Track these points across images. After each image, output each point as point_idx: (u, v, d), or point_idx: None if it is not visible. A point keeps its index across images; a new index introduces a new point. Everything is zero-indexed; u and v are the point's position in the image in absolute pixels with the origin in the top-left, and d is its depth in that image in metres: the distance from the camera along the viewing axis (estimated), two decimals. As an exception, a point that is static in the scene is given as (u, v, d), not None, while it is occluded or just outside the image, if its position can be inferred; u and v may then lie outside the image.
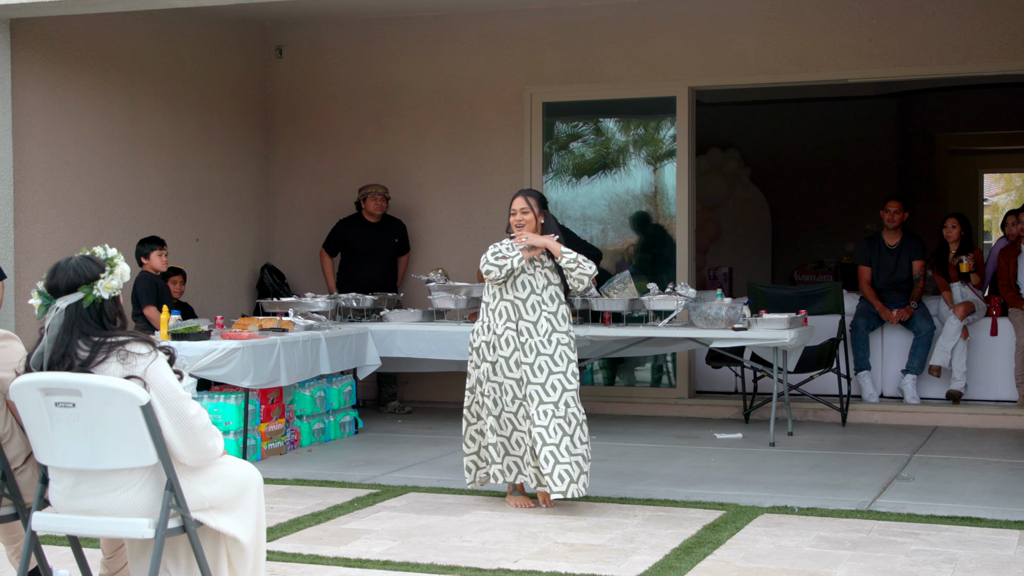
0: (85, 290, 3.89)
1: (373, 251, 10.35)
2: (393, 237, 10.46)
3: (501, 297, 6.44)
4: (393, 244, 10.45)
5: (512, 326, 6.39)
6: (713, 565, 5.26)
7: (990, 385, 9.83)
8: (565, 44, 10.50)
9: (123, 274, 3.96)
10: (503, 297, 6.43)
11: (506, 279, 6.39)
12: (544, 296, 6.44)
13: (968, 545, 5.56)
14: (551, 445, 6.27)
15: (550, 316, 6.42)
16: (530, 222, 6.49)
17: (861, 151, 15.22)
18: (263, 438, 8.04)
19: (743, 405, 9.69)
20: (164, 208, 9.97)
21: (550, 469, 6.25)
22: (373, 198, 10.32)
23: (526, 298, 6.41)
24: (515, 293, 6.41)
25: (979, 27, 9.55)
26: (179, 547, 4.07)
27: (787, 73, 10.09)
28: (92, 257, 3.98)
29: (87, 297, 3.89)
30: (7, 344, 4.31)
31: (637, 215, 10.86)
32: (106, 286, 3.90)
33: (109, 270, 3.94)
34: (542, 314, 6.41)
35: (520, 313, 6.39)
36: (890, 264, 9.93)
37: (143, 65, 9.80)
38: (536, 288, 6.44)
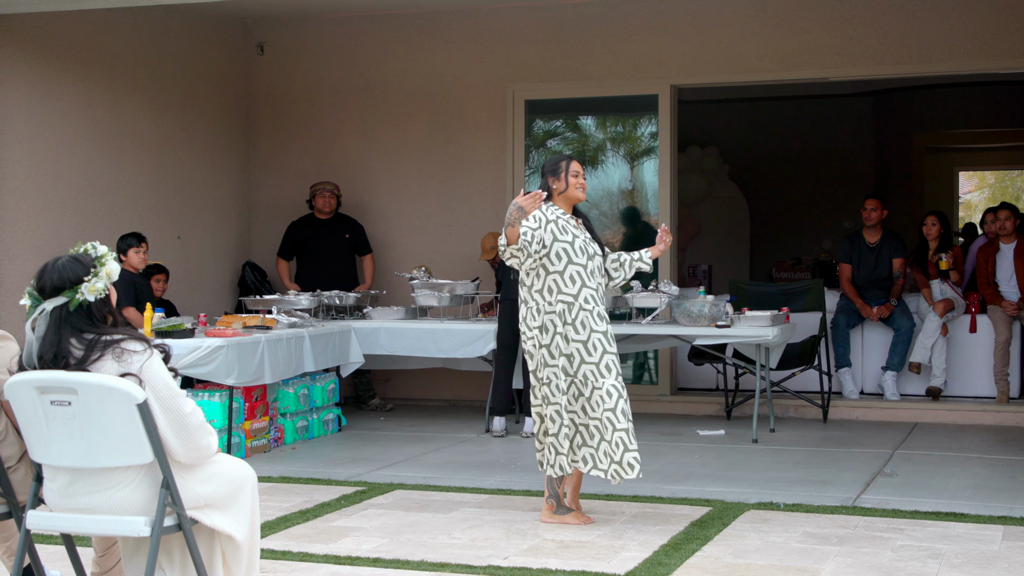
0: (69, 294, 3.88)
1: (326, 250, 10.30)
2: (344, 234, 10.42)
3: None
4: (345, 240, 10.41)
5: None
6: (702, 561, 5.29)
7: (969, 382, 9.90)
8: (548, 42, 10.52)
9: (110, 275, 3.94)
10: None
11: None
12: None
13: (953, 540, 5.61)
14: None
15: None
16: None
17: (839, 149, 15.30)
18: (247, 436, 8.04)
19: (725, 402, 9.74)
20: (146, 205, 9.94)
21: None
22: (322, 195, 10.32)
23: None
24: None
25: (959, 26, 9.61)
26: (173, 545, 4.06)
27: (769, 71, 10.14)
28: (79, 257, 3.95)
29: (72, 300, 3.87)
30: (3, 344, 4.30)
31: (627, 210, 10.87)
32: (90, 289, 3.89)
33: (94, 272, 3.92)
34: None
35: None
36: (870, 262, 9.99)
37: (125, 62, 9.77)
38: None
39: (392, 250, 10.84)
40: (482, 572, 5.15)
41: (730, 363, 9.37)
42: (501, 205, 10.50)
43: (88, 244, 4.03)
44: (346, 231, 10.43)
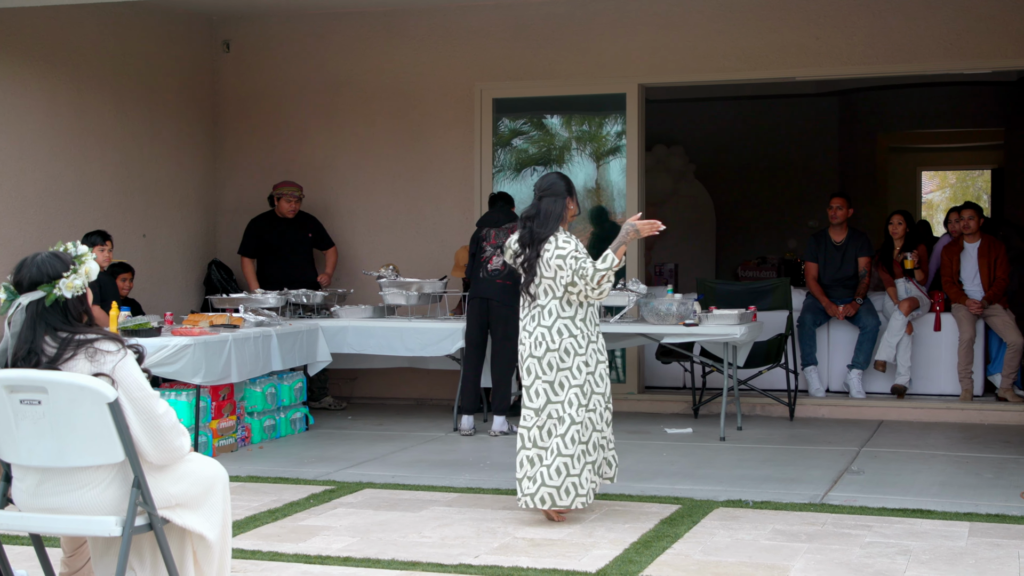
0: (47, 288, 3.85)
1: (290, 248, 10.26)
2: (307, 232, 10.40)
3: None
4: (308, 239, 10.39)
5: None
6: (673, 559, 5.30)
7: (934, 380, 9.98)
8: (515, 40, 10.52)
9: (89, 273, 3.91)
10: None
11: None
12: None
13: (920, 537, 5.65)
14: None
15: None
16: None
17: (804, 148, 15.39)
18: (214, 435, 7.99)
19: (692, 400, 9.77)
20: (111, 203, 9.86)
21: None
22: (288, 200, 10.26)
23: None
24: None
25: (924, 27, 9.68)
26: (144, 545, 4.03)
27: (735, 71, 10.18)
28: (59, 254, 3.93)
29: (49, 296, 3.84)
30: None
31: (595, 209, 10.89)
32: (68, 285, 3.86)
33: (74, 268, 3.89)
34: None
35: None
36: (836, 260, 10.05)
37: (89, 59, 9.69)
38: None
39: (359, 249, 10.81)
40: (453, 571, 5.14)
41: (697, 361, 9.40)
42: (469, 204, 10.51)
43: (68, 243, 4.00)
44: (308, 230, 10.40)
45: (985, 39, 9.58)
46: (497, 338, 8.80)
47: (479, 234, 8.95)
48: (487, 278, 8.75)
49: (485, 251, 8.80)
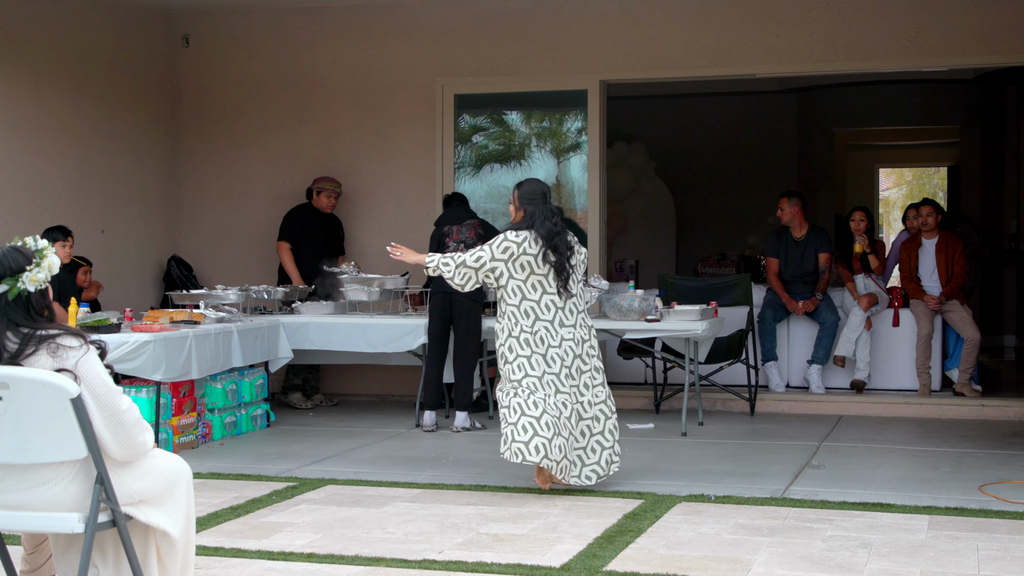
0: (10, 282, 3.81)
1: (325, 243, 10.18)
2: (339, 231, 10.39)
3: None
4: (339, 236, 10.36)
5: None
6: (636, 553, 5.31)
7: (892, 375, 10.07)
8: (477, 36, 10.51)
9: (51, 267, 3.88)
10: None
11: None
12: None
13: (881, 530, 5.69)
14: None
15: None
16: (512, 213, 6.82)
17: (763, 145, 15.45)
18: (175, 432, 7.94)
19: (654, 396, 9.80)
20: (69, 198, 9.78)
21: None
22: (328, 196, 10.16)
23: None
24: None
25: (883, 25, 9.76)
26: (107, 541, 4.00)
27: (697, 68, 10.22)
28: (20, 248, 3.89)
29: (12, 290, 3.80)
30: None
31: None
32: (32, 279, 3.82)
33: (36, 262, 3.86)
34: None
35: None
36: (797, 256, 10.11)
37: (47, 53, 9.60)
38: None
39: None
40: (417, 566, 5.13)
41: (659, 357, 9.44)
42: (430, 199, 10.50)
43: (28, 237, 3.95)
44: (340, 228, 10.36)
45: (942, 37, 9.66)
46: (459, 334, 8.80)
47: (440, 232, 8.94)
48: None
49: (448, 247, 8.79)
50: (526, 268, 6.55)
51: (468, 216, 8.97)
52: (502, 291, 6.63)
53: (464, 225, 8.86)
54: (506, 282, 6.59)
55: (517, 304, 6.58)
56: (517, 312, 6.58)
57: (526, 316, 6.57)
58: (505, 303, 6.61)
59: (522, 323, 6.57)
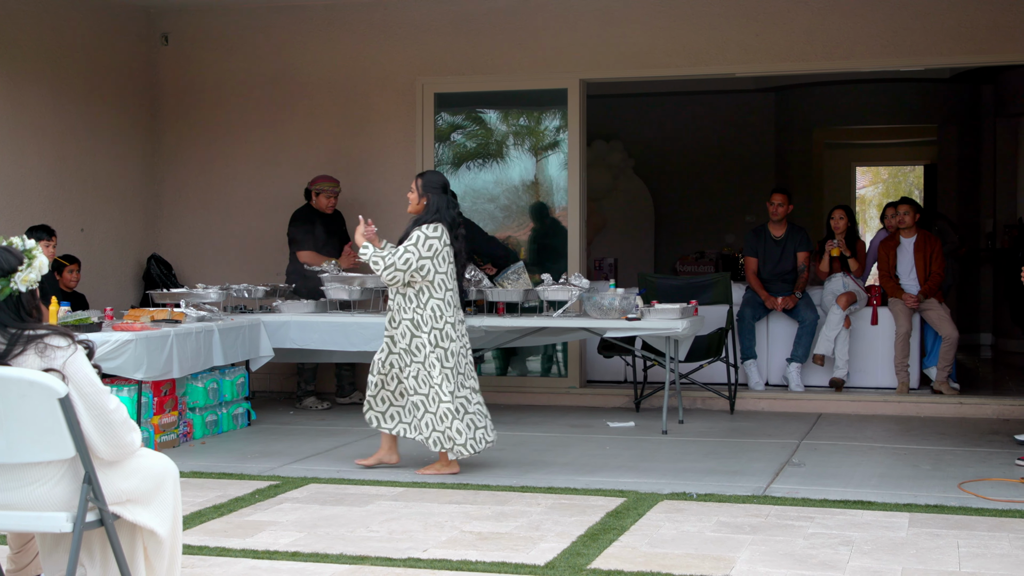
0: (2, 282, 3.80)
1: (331, 244, 10.07)
2: (344, 228, 10.31)
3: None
4: (344, 235, 10.28)
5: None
6: (620, 551, 5.34)
7: (871, 373, 10.13)
8: (457, 35, 10.52)
9: (41, 267, 3.88)
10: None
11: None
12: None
13: (862, 528, 5.73)
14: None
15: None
16: (412, 200, 7.15)
17: (741, 144, 15.52)
18: (156, 431, 7.93)
19: (634, 394, 9.84)
20: (48, 197, 9.75)
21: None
22: (327, 196, 9.97)
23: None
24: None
25: (862, 24, 9.81)
26: (94, 541, 4.00)
27: (676, 67, 10.25)
28: (10, 249, 3.88)
29: (3, 290, 3.80)
30: None
31: (536, 205, 10.93)
32: (24, 279, 3.82)
33: (27, 263, 3.86)
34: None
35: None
36: (775, 255, 10.16)
37: (25, 52, 9.56)
38: None
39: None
40: (402, 565, 5.14)
41: (639, 355, 9.47)
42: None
43: (13, 238, 3.95)
44: (344, 226, 10.27)
45: (920, 37, 9.72)
46: None
47: None
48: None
49: None
50: (447, 260, 7.00)
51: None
52: (425, 285, 6.93)
53: None
54: (433, 277, 6.93)
55: (443, 297, 6.97)
56: (443, 304, 6.96)
57: (448, 307, 7.00)
58: (431, 296, 6.93)
59: (446, 314, 6.98)
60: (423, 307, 6.94)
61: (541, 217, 10.88)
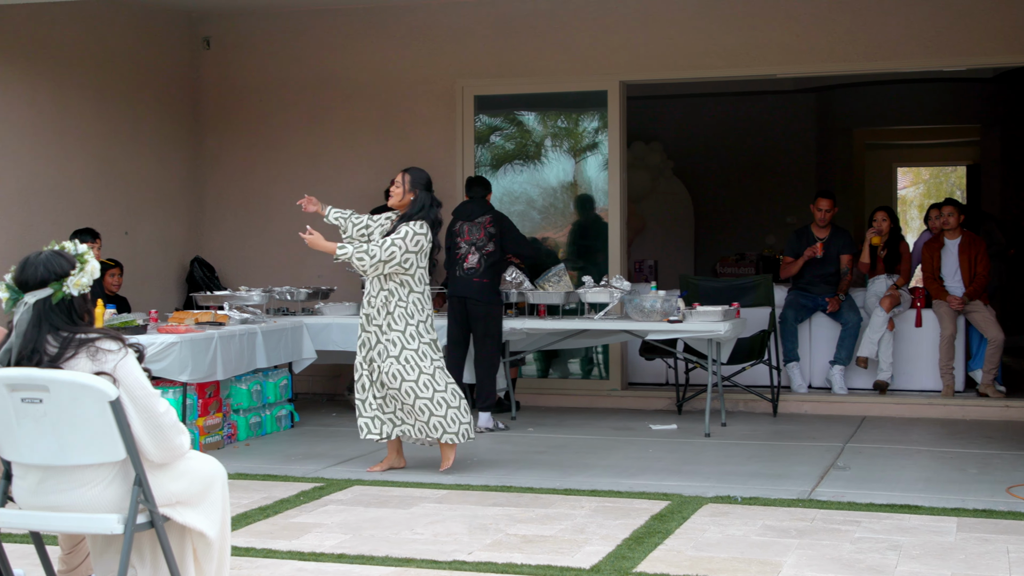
0: (55, 286, 3.83)
1: None
2: None
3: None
4: None
5: None
6: (665, 555, 5.32)
7: (915, 375, 10.05)
8: (497, 38, 10.53)
9: (93, 271, 3.91)
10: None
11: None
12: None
13: (909, 532, 5.69)
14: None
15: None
16: (398, 195, 7.21)
17: (781, 145, 15.44)
18: (201, 432, 7.98)
19: (676, 397, 9.80)
20: (93, 200, 9.83)
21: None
22: None
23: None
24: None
25: (904, 24, 9.75)
26: (144, 542, 4.02)
27: (716, 68, 10.22)
28: (62, 252, 3.91)
29: (56, 293, 3.83)
30: None
31: (581, 197, 10.90)
32: (76, 283, 3.85)
33: (80, 267, 3.88)
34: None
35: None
36: (818, 257, 10.08)
37: (71, 56, 9.65)
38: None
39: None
40: (447, 567, 5.15)
41: (681, 358, 9.43)
42: (451, 200, 10.47)
43: (65, 242, 3.98)
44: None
45: (963, 36, 9.65)
46: (478, 337, 8.80)
47: (452, 229, 8.92)
48: (463, 277, 8.74)
49: (460, 247, 8.78)
50: (427, 256, 7.17)
51: (482, 210, 8.90)
52: (407, 279, 7.06)
53: (475, 224, 8.82)
54: (415, 271, 7.08)
55: (422, 291, 7.13)
56: (423, 298, 7.13)
57: (428, 301, 7.20)
58: (411, 290, 7.07)
59: (427, 308, 7.17)
60: (405, 300, 7.07)
61: (585, 210, 10.83)
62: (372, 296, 7.12)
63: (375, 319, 7.11)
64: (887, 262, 10.10)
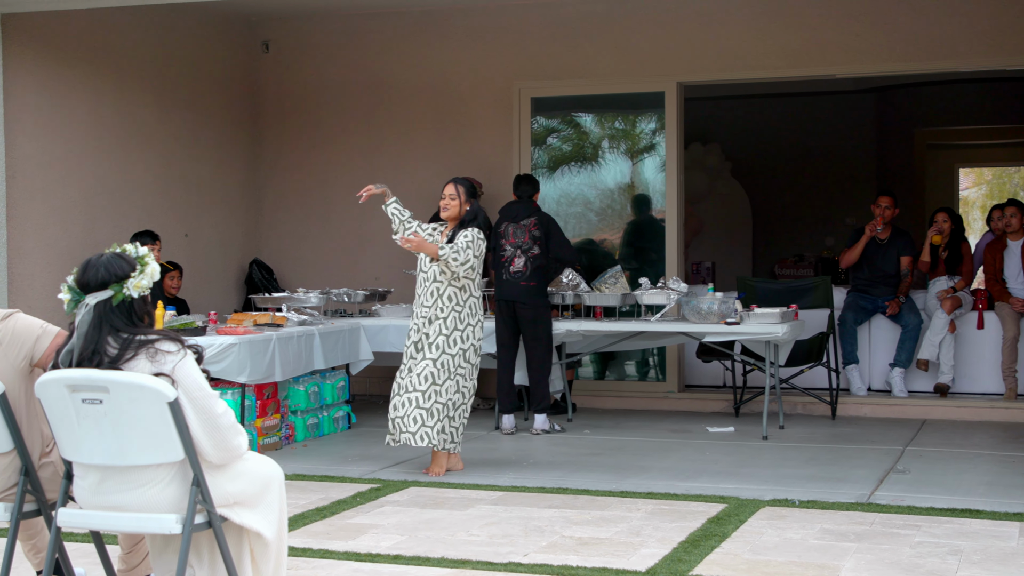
0: (115, 288, 3.88)
1: None
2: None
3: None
4: None
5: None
6: (722, 558, 5.30)
7: (977, 378, 9.92)
8: (554, 39, 10.53)
9: (153, 274, 3.95)
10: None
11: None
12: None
13: (970, 537, 5.62)
14: None
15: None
16: (455, 207, 7.28)
17: (841, 145, 15.31)
18: (259, 433, 8.04)
19: (733, 399, 9.75)
20: (153, 203, 9.94)
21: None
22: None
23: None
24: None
25: (965, 23, 9.63)
26: (202, 542, 4.06)
27: (774, 69, 10.16)
28: (123, 255, 3.96)
29: (117, 295, 3.88)
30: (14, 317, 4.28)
31: (636, 198, 10.87)
32: (136, 285, 3.89)
33: (140, 269, 3.93)
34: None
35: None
36: (878, 257, 10.00)
37: (132, 61, 9.77)
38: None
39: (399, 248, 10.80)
40: (503, 569, 5.15)
41: (739, 360, 9.38)
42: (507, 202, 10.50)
43: (126, 244, 4.03)
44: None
45: (1027, 35, 9.52)
46: (527, 339, 8.79)
47: (497, 228, 8.90)
48: (510, 280, 8.73)
49: (505, 250, 8.77)
50: (482, 261, 7.31)
51: (527, 212, 8.86)
52: (468, 283, 7.21)
53: (520, 226, 8.80)
54: (474, 276, 7.24)
55: (478, 296, 7.30)
56: (476, 303, 7.29)
57: (480, 304, 7.36)
58: (471, 295, 7.24)
59: (478, 313, 7.33)
60: (463, 305, 7.19)
61: (640, 210, 10.79)
62: (431, 299, 7.20)
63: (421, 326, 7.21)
64: (948, 263, 9.98)
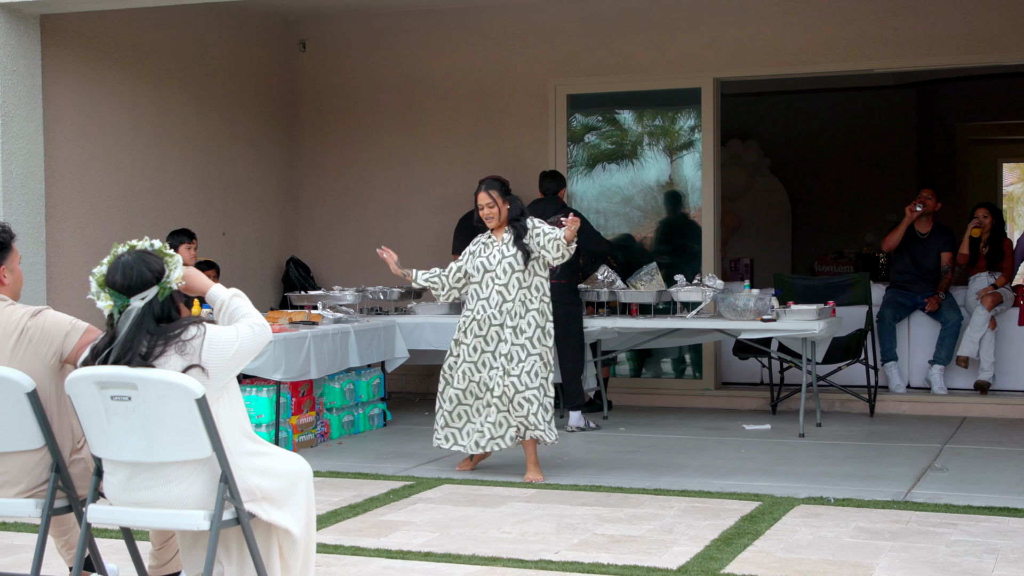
0: (161, 283, 3.90)
1: None
2: None
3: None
4: None
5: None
6: (754, 556, 5.26)
7: (1018, 375, 9.82)
8: (589, 36, 10.51)
9: (179, 261, 3.98)
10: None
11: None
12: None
13: (1008, 536, 5.56)
14: None
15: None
16: (496, 213, 7.08)
17: (881, 141, 15.19)
18: (294, 431, 8.07)
19: (770, 396, 9.69)
20: (191, 202, 10.01)
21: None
22: None
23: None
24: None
25: (1007, 16, 9.52)
26: (231, 539, 4.08)
27: (813, 63, 10.08)
28: (148, 251, 3.97)
29: (163, 290, 3.90)
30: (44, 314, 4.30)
31: (668, 195, 10.82)
32: (177, 278, 3.92)
33: (169, 261, 3.95)
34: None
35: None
36: (919, 252, 9.91)
37: (170, 60, 9.84)
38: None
39: (435, 245, 10.84)
40: (534, 567, 5.14)
41: (775, 357, 9.32)
42: (544, 200, 10.50)
43: (139, 241, 4.01)
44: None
45: (1070, 28, 9.40)
46: (559, 338, 8.74)
47: None
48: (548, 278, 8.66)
49: None
50: None
51: (554, 210, 8.79)
52: (540, 280, 7.08)
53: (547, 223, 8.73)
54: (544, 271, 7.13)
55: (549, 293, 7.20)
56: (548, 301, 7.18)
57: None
58: (544, 293, 7.09)
59: (549, 311, 7.17)
60: (547, 295, 7.11)
61: (672, 207, 10.74)
62: (515, 293, 7.02)
63: (508, 322, 7.02)
64: (989, 259, 9.88)
